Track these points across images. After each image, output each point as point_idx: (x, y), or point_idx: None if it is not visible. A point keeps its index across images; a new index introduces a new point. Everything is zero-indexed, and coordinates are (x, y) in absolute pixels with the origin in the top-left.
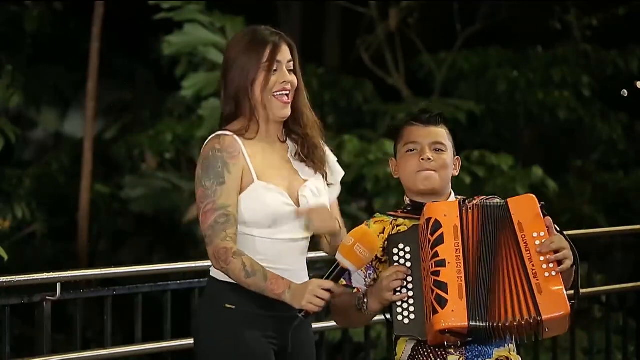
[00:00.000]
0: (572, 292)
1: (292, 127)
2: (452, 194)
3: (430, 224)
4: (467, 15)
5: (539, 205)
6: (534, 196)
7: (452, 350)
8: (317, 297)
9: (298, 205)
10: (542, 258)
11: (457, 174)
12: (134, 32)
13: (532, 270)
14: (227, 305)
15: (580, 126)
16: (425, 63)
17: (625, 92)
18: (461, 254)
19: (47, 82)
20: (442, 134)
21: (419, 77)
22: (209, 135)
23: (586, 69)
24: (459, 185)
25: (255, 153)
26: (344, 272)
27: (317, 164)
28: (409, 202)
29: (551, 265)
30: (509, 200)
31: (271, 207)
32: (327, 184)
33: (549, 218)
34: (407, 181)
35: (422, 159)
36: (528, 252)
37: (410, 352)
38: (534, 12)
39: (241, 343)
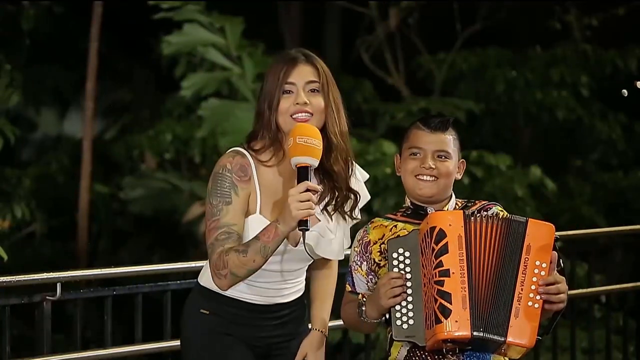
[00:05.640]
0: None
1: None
2: (453, 196)
3: (435, 232)
4: (467, 15)
5: (554, 238)
6: (553, 227)
7: (450, 356)
8: (301, 201)
9: (295, 245)
10: (533, 287)
11: (460, 178)
12: (133, 32)
13: (519, 294)
14: (202, 311)
15: (579, 126)
16: (425, 63)
17: (624, 92)
18: (465, 264)
19: (46, 82)
20: (447, 141)
21: (419, 77)
22: (208, 136)
23: (585, 69)
24: (457, 186)
25: (267, 182)
26: (307, 170)
27: (334, 208)
28: (409, 204)
29: (538, 297)
30: (530, 220)
31: None
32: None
33: (555, 253)
34: (406, 183)
35: (423, 167)
36: (524, 275)
37: (405, 354)
38: (533, 12)
39: (211, 348)
